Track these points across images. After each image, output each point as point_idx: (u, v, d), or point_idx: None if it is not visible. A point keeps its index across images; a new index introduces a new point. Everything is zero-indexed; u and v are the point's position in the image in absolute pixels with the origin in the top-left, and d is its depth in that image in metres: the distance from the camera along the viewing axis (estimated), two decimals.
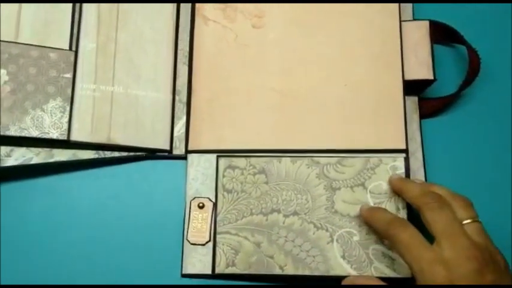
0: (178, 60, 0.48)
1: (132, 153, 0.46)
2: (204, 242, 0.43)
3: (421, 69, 0.47)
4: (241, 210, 0.43)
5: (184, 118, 0.47)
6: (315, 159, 0.44)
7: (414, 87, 0.48)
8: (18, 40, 0.44)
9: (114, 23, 0.46)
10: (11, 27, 0.44)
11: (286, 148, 0.45)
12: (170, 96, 0.47)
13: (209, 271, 0.42)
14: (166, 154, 0.46)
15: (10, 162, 0.43)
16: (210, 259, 0.43)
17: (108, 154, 0.46)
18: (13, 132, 0.42)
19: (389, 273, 0.41)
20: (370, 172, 0.44)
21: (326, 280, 0.42)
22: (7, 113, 0.42)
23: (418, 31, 0.48)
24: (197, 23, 0.48)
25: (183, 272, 0.42)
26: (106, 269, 0.44)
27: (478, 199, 0.47)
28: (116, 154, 0.46)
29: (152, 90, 0.47)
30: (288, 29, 0.48)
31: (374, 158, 0.44)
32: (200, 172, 0.45)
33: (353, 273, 0.41)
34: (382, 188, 0.43)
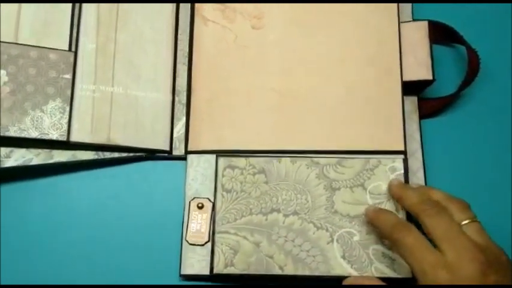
0: (177, 60, 0.48)
1: (132, 153, 0.46)
2: (203, 243, 0.43)
3: (420, 69, 0.47)
4: (240, 209, 0.43)
5: (184, 119, 0.47)
6: (315, 159, 0.44)
7: (413, 87, 0.48)
8: (17, 41, 0.44)
9: (113, 24, 0.47)
10: (11, 27, 0.44)
11: (285, 149, 0.45)
12: (170, 96, 0.47)
13: (208, 272, 0.42)
14: (166, 155, 0.46)
15: (10, 163, 0.43)
16: (209, 260, 0.42)
17: (107, 155, 0.46)
18: (13, 133, 0.42)
19: (389, 273, 0.41)
20: (369, 173, 0.44)
21: (326, 280, 0.42)
22: (7, 114, 0.42)
23: (417, 32, 0.48)
24: (197, 24, 0.48)
25: (182, 273, 0.42)
26: (105, 270, 0.44)
27: (478, 199, 0.47)
28: (116, 155, 0.46)
29: (152, 90, 0.47)
30: (288, 30, 0.48)
31: (373, 159, 0.44)
32: (200, 173, 0.45)
33: (353, 273, 0.41)
34: (381, 189, 0.43)
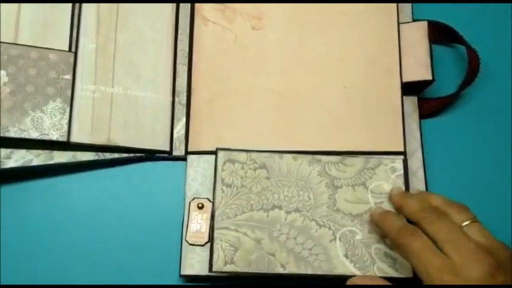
0: (177, 61, 0.48)
1: (132, 154, 0.46)
2: (203, 243, 0.42)
3: (420, 69, 0.47)
4: (241, 205, 0.42)
5: (184, 119, 0.47)
6: (316, 157, 0.44)
7: (413, 87, 0.48)
8: (17, 41, 0.44)
9: (113, 24, 0.47)
10: (10, 28, 0.44)
11: (285, 149, 0.45)
12: (170, 97, 0.47)
13: (208, 272, 0.41)
14: (166, 155, 0.46)
15: (10, 164, 0.43)
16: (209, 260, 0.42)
17: (108, 155, 0.45)
18: (13, 133, 0.42)
19: (391, 272, 0.41)
20: (370, 172, 0.44)
21: (329, 279, 0.41)
22: (7, 115, 0.42)
23: (417, 32, 0.48)
24: (197, 24, 0.48)
25: (181, 273, 0.42)
26: (106, 270, 0.44)
27: (478, 199, 0.47)
28: (116, 155, 0.46)
29: (152, 91, 0.47)
30: (287, 31, 0.48)
31: (374, 158, 0.44)
32: (200, 173, 0.45)
33: (356, 272, 0.41)
34: (382, 188, 0.43)
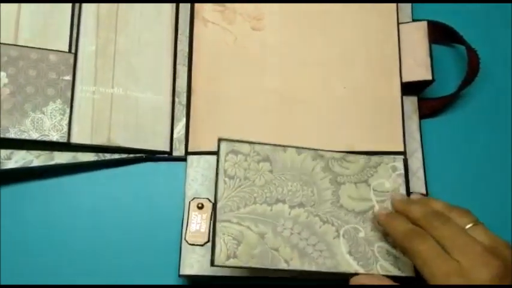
0: (177, 61, 0.48)
1: (132, 155, 0.46)
2: (203, 243, 0.42)
3: (420, 70, 0.47)
4: (243, 197, 0.40)
5: (184, 120, 0.47)
6: (320, 152, 0.43)
7: (413, 87, 0.48)
8: (17, 42, 0.44)
9: (113, 25, 0.47)
10: (10, 29, 0.44)
11: None
12: (170, 97, 0.47)
13: (207, 272, 0.42)
14: (166, 156, 0.46)
15: (10, 165, 0.44)
16: (208, 260, 0.42)
17: (108, 156, 0.46)
18: (13, 134, 0.42)
19: (394, 271, 0.40)
20: (372, 170, 0.43)
21: (333, 276, 0.40)
22: (7, 116, 0.42)
23: (416, 32, 0.48)
24: (196, 25, 0.48)
25: (180, 273, 0.42)
26: (106, 270, 0.44)
27: (478, 199, 0.47)
28: (116, 156, 0.46)
29: (152, 92, 0.47)
30: (287, 31, 0.48)
31: (375, 157, 0.44)
32: (199, 173, 0.45)
33: (360, 270, 0.40)
34: (384, 187, 0.43)
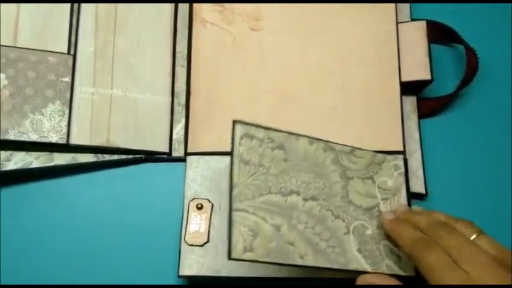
0: (176, 62, 0.48)
1: (131, 155, 0.46)
2: (202, 243, 0.42)
3: (419, 69, 0.47)
4: (258, 186, 0.38)
5: (183, 120, 0.47)
6: (330, 144, 0.41)
7: (412, 87, 0.48)
8: (16, 44, 0.44)
9: (112, 27, 0.47)
10: (10, 31, 0.44)
11: None
12: (169, 98, 0.47)
13: (206, 273, 0.42)
14: (165, 156, 0.46)
15: (10, 166, 0.44)
16: (208, 260, 0.42)
17: (107, 157, 0.46)
18: (12, 136, 0.42)
19: (397, 270, 0.39)
20: (377, 167, 0.42)
21: (341, 275, 0.39)
22: (6, 117, 0.42)
23: (415, 32, 0.48)
24: (195, 26, 0.48)
25: (180, 274, 0.42)
26: (105, 270, 0.44)
27: (477, 198, 0.47)
28: (115, 157, 0.46)
29: (151, 92, 0.47)
30: (286, 32, 0.48)
31: (380, 154, 0.43)
32: (199, 174, 0.45)
33: (368, 269, 0.39)
34: (387, 185, 0.42)
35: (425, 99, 0.49)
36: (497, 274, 0.32)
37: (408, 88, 0.47)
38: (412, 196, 0.44)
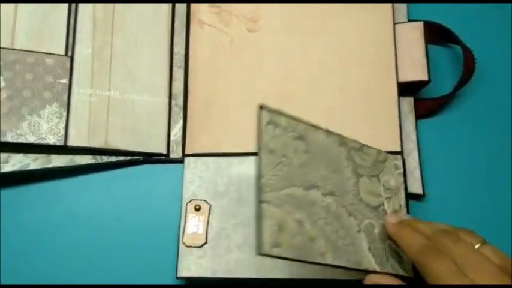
0: (174, 64, 0.48)
1: (129, 157, 0.46)
2: (200, 244, 0.42)
3: (416, 70, 0.47)
4: (283, 177, 0.35)
5: (181, 122, 0.47)
6: (344, 139, 0.40)
7: (410, 88, 0.48)
8: (13, 46, 0.44)
9: (109, 28, 0.47)
10: (7, 33, 0.44)
11: None
12: (167, 100, 0.47)
13: (204, 274, 0.42)
14: (163, 158, 0.46)
15: (7, 168, 0.44)
16: (206, 262, 0.42)
17: (105, 159, 0.46)
18: (10, 138, 0.42)
19: (399, 270, 0.39)
20: (381, 165, 0.42)
21: (357, 274, 0.38)
22: (4, 119, 0.42)
23: (413, 32, 0.48)
24: (192, 27, 0.49)
25: (178, 275, 0.42)
26: (103, 272, 0.44)
27: (475, 199, 0.47)
28: (113, 159, 0.46)
29: (148, 94, 0.47)
30: (283, 33, 0.48)
31: (383, 152, 0.42)
32: (197, 175, 0.45)
33: (377, 268, 0.38)
34: (390, 184, 0.42)
35: (422, 99, 0.49)
36: (503, 283, 0.32)
37: (405, 89, 0.48)
38: (410, 197, 0.44)
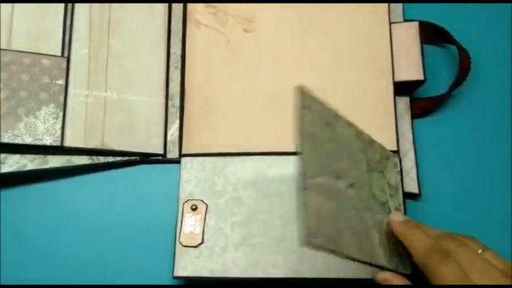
0: (170, 64, 0.48)
1: (126, 157, 0.46)
2: (197, 244, 0.43)
3: (412, 70, 0.47)
4: (317, 164, 0.33)
5: (177, 122, 0.47)
6: (359, 132, 0.38)
7: (405, 87, 0.48)
8: (10, 47, 0.44)
9: (105, 29, 0.47)
10: (3, 34, 0.44)
11: (279, 151, 0.45)
12: (163, 100, 0.47)
13: (201, 274, 0.42)
14: (160, 158, 0.47)
15: (4, 169, 0.44)
16: (202, 261, 0.42)
17: (102, 159, 0.46)
18: (6, 139, 0.42)
19: (401, 269, 0.37)
20: (386, 162, 0.42)
21: (370, 271, 0.37)
22: (0, 120, 0.42)
23: (408, 32, 0.48)
24: (189, 27, 0.49)
25: (174, 275, 0.42)
26: (100, 271, 0.44)
27: (470, 198, 0.47)
28: (110, 159, 0.46)
29: (145, 94, 0.47)
30: (279, 33, 0.48)
31: (387, 149, 0.42)
32: (193, 175, 0.45)
33: (387, 265, 0.37)
34: (391, 181, 0.42)
35: (418, 99, 0.49)
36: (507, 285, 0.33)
37: (401, 88, 0.48)
38: (406, 196, 0.45)
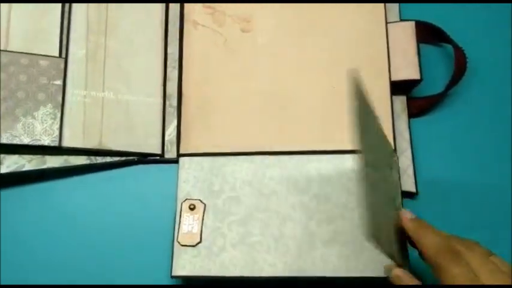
0: (168, 64, 0.48)
1: (124, 158, 0.46)
2: (195, 243, 0.43)
3: (408, 69, 0.47)
4: (366, 155, 0.32)
5: (175, 122, 0.47)
6: (380, 126, 0.37)
7: (402, 87, 0.48)
8: (8, 48, 0.44)
9: (103, 29, 0.47)
10: (1, 35, 0.44)
11: (277, 150, 0.45)
12: (161, 100, 0.47)
13: (199, 273, 0.42)
14: (158, 158, 0.47)
15: (2, 169, 0.44)
16: (200, 261, 0.42)
17: (100, 159, 0.46)
18: (4, 139, 0.42)
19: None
20: (391, 159, 0.42)
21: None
22: None
23: (404, 32, 0.48)
24: (186, 28, 0.49)
25: (173, 274, 0.42)
26: (99, 271, 0.45)
27: (467, 197, 0.47)
28: (108, 159, 0.46)
29: (143, 94, 0.47)
30: (276, 33, 0.49)
31: (391, 147, 0.42)
32: (191, 175, 0.45)
33: (399, 261, 0.36)
34: (395, 178, 0.42)
35: (414, 98, 0.49)
36: None
37: (398, 88, 0.48)
38: (403, 195, 0.45)
